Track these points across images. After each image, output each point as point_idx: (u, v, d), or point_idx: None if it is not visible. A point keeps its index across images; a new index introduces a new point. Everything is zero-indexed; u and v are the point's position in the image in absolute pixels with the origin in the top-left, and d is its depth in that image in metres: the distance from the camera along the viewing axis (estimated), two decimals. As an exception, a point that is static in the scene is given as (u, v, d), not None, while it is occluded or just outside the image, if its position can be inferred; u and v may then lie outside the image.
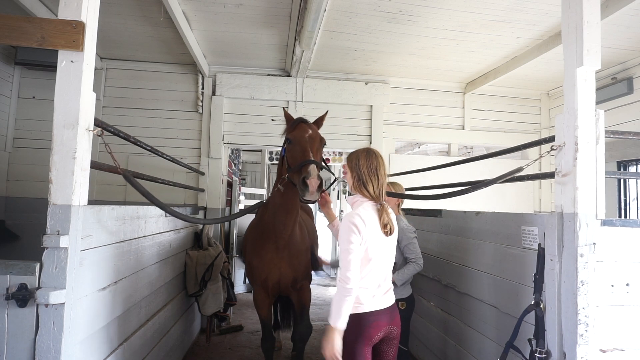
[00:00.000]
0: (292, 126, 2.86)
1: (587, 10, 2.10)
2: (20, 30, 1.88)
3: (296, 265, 3.18)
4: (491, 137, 5.95)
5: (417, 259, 3.03)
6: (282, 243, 3.06)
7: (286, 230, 3.01)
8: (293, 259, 3.15)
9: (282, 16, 4.02)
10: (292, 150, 2.75)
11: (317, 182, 2.44)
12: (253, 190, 9.18)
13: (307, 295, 3.35)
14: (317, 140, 2.78)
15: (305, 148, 2.65)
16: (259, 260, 3.15)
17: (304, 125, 2.83)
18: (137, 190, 2.15)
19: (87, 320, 2.01)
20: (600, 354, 2.05)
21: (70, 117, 1.86)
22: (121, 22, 4.27)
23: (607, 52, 4.36)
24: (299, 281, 3.25)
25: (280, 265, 3.12)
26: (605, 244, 2.08)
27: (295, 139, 2.74)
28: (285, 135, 2.92)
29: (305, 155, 2.61)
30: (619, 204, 4.74)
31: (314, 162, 2.55)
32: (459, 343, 3.23)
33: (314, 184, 2.43)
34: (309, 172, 2.46)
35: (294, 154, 2.71)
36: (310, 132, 2.77)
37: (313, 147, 2.70)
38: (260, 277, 3.17)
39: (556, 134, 2.24)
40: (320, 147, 2.80)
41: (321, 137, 2.84)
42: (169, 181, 3.93)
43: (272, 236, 3.06)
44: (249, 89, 5.45)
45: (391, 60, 5.13)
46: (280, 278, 3.15)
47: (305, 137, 2.72)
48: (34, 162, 5.02)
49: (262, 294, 3.25)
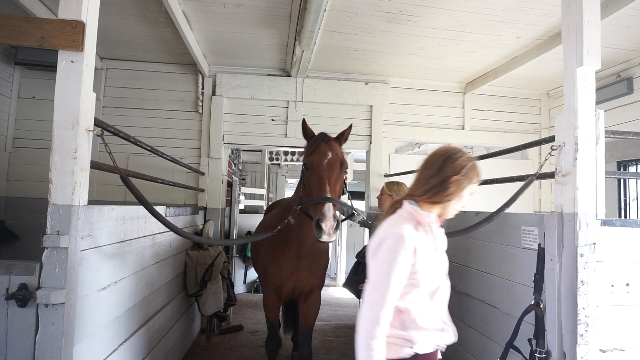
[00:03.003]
0: (310, 148, 2.58)
1: (587, 10, 2.10)
2: (20, 30, 1.88)
3: (317, 272, 3.09)
4: (491, 137, 5.95)
5: None
6: (304, 251, 2.92)
7: (310, 239, 2.82)
8: (314, 266, 3.04)
9: (282, 16, 4.02)
10: (308, 178, 2.52)
11: (332, 224, 2.26)
12: (253, 190, 9.18)
13: (315, 310, 3.24)
14: (337, 167, 2.50)
15: (322, 179, 2.41)
16: (276, 267, 3.01)
17: (324, 147, 2.54)
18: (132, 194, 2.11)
19: (87, 320, 2.01)
20: (600, 354, 2.05)
21: (70, 117, 1.86)
22: (121, 22, 4.27)
23: (607, 52, 4.36)
24: (314, 289, 3.17)
25: (299, 274, 3.00)
26: (605, 244, 2.09)
27: (313, 165, 2.49)
28: (303, 157, 2.68)
29: (322, 188, 2.37)
30: (619, 204, 4.74)
31: (330, 200, 2.32)
32: (459, 343, 3.22)
33: (329, 227, 2.25)
34: (323, 214, 2.26)
35: (310, 183, 2.50)
36: (330, 157, 2.49)
37: (332, 175, 2.45)
38: (275, 283, 3.04)
39: (556, 134, 2.24)
40: (340, 173, 2.53)
41: (342, 160, 2.56)
42: (169, 181, 3.94)
43: (294, 244, 2.91)
44: (249, 89, 5.45)
45: (391, 60, 5.13)
46: (296, 285, 3.04)
47: (323, 164, 2.46)
48: (34, 162, 5.01)
49: (274, 298, 3.14)
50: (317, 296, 3.23)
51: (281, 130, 5.50)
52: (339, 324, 5.40)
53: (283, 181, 11.87)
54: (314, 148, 2.54)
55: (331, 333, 4.99)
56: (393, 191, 3.29)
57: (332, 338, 4.83)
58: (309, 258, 2.96)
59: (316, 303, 3.24)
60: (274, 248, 3.04)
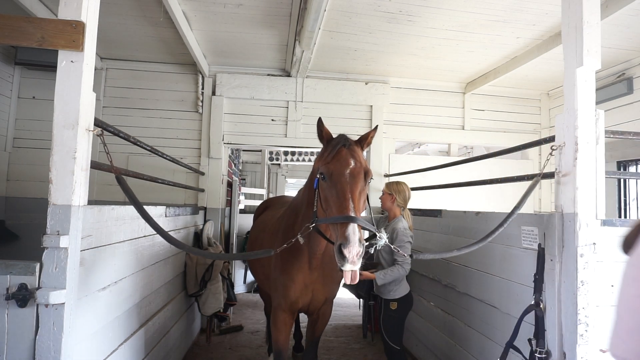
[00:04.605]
0: (330, 154, 2.12)
1: (587, 10, 2.10)
2: (20, 30, 1.88)
3: (330, 284, 2.77)
4: (491, 137, 5.95)
5: (404, 263, 3.00)
6: (316, 263, 2.59)
7: (320, 249, 2.52)
8: (327, 278, 2.72)
9: (282, 16, 4.02)
10: (325, 190, 2.07)
11: (358, 251, 1.82)
12: (253, 190, 9.18)
13: (324, 322, 3.00)
14: (361, 178, 2.06)
15: (344, 193, 1.97)
16: (288, 279, 2.64)
17: (345, 153, 2.10)
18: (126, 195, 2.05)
19: (87, 320, 2.01)
20: (600, 354, 2.05)
21: (70, 117, 1.86)
22: (121, 22, 4.27)
23: (607, 52, 4.36)
24: (328, 301, 2.89)
25: (314, 287, 2.69)
26: (605, 244, 2.08)
27: (333, 176, 2.04)
28: (319, 163, 2.19)
29: (344, 205, 1.93)
30: (619, 204, 4.74)
31: (354, 220, 1.87)
32: (459, 343, 3.23)
33: (353, 254, 1.81)
34: (347, 238, 1.82)
35: (328, 197, 2.05)
36: (353, 166, 2.05)
37: (355, 188, 2.01)
38: (290, 298, 2.66)
39: (556, 134, 2.24)
40: (365, 185, 2.10)
41: (367, 169, 2.11)
42: (169, 181, 3.94)
43: (305, 255, 2.58)
44: (249, 89, 5.45)
45: (391, 60, 5.13)
46: (312, 300, 2.73)
47: (345, 174, 2.02)
48: (34, 162, 5.02)
49: (286, 316, 2.74)
50: (328, 308, 2.96)
51: (281, 130, 5.50)
52: (339, 324, 5.39)
53: (283, 181, 11.87)
54: (334, 154, 2.10)
55: (331, 333, 4.99)
56: (393, 191, 3.30)
57: (332, 338, 4.83)
58: (321, 269, 2.65)
59: (326, 315, 2.98)
60: (283, 258, 2.67)
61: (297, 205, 2.70)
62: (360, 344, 4.66)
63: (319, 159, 2.24)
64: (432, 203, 5.15)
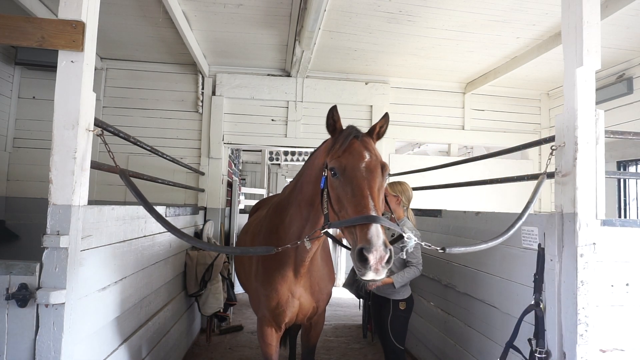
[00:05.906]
0: (341, 146, 1.83)
1: (587, 10, 2.10)
2: (20, 30, 1.88)
3: (318, 294, 2.51)
4: (491, 137, 5.95)
5: (418, 264, 3.00)
6: (303, 270, 2.33)
7: (309, 254, 2.27)
8: (315, 286, 2.47)
9: (282, 16, 4.02)
10: (338, 189, 1.77)
11: (384, 255, 1.53)
12: (253, 190, 9.18)
13: (318, 329, 2.80)
14: (378, 172, 1.78)
15: (362, 190, 1.69)
16: (270, 289, 2.38)
17: (358, 145, 1.83)
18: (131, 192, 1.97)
19: (87, 320, 2.01)
20: (600, 354, 2.05)
21: (70, 117, 1.86)
22: (121, 22, 4.27)
23: (607, 52, 4.36)
24: (319, 312, 2.63)
25: (300, 296, 2.43)
26: (605, 244, 2.08)
27: (347, 171, 1.75)
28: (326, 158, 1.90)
29: (363, 203, 1.65)
30: (619, 204, 4.74)
31: (377, 219, 1.59)
32: (459, 343, 3.23)
33: (377, 259, 1.52)
34: (369, 240, 1.53)
35: (341, 195, 1.75)
36: (369, 159, 1.79)
37: (374, 184, 1.73)
38: (274, 310, 2.42)
39: (556, 134, 2.24)
40: (383, 181, 1.82)
41: (383, 162, 1.83)
42: (169, 181, 3.94)
43: (290, 261, 2.32)
44: (249, 89, 5.45)
45: (391, 60, 5.13)
46: (299, 311, 2.48)
47: (360, 168, 1.75)
48: (34, 162, 5.02)
49: (271, 327, 2.53)
50: (320, 318, 2.75)
51: (281, 130, 5.50)
52: (338, 324, 5.39)
53: (283, 181, 11.88)
54: (345, 147, 1.82)
55: (331, 333, 4.99)
56: (397, 191, 3.27)
57: (332, 338, 4.83)
58: (308, 276, 2.41)
59: (320, 324, 2.78)
60: (265, 264, 2.41)
61: (283, 205, 2.40)
62: (360, 344, 4.66)
63: (326, 152, 1.95)
64: (432, 203, 5.15)
